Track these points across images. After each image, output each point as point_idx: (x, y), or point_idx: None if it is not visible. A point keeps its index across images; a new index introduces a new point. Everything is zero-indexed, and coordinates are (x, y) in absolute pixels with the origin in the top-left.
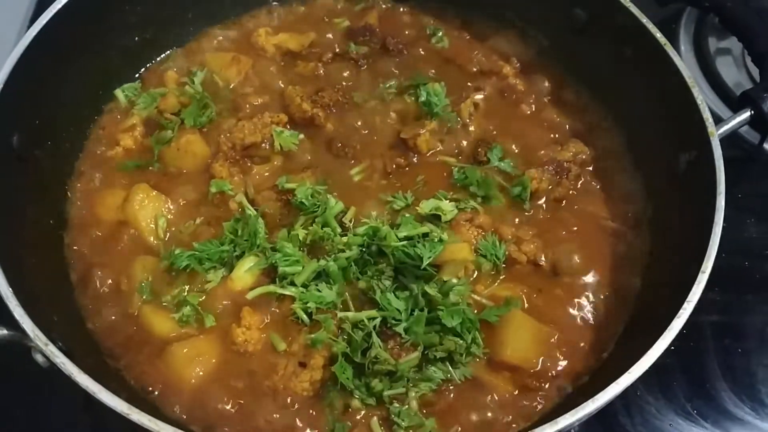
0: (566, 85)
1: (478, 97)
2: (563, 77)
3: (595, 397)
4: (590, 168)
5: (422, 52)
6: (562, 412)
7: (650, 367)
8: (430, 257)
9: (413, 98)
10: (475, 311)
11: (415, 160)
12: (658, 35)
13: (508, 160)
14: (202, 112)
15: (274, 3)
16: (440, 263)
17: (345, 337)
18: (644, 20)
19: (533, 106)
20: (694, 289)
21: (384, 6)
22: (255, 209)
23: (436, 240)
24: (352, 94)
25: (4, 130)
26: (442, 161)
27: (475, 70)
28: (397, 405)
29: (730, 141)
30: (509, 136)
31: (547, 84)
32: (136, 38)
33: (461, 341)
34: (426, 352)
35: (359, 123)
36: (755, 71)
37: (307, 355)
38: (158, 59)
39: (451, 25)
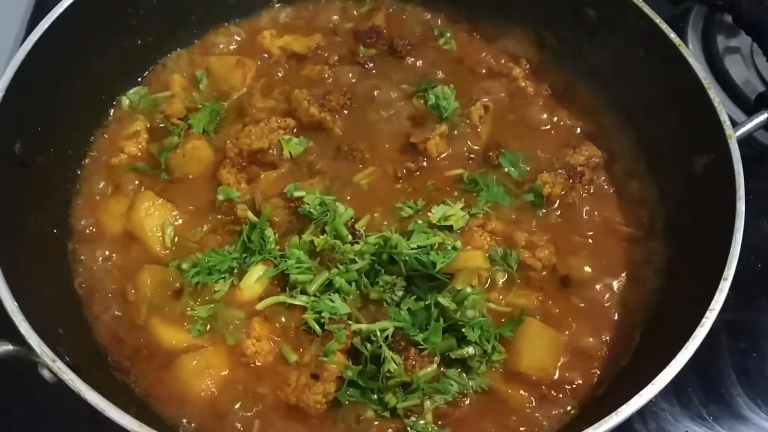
0: (577, 86)
1: (488, 99)
2: (574, 79)
3: (619, 410)
4: (603, 172)
5: (430, 54)
6: (582, 424)
7: None
8: (443, 263)
9: (422, 101)
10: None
11: (425, 164)
12: (672, 35)
13: (520, 166)
14: (212, 119)
15: (278, 5)
16: (453, 271)
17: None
18: (658, 20)
19: (544, 108)
20: (716, 297)
21: (390, 7)
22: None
23: (449, 248)
24: (360, 98)
25: (6, 137)
26: (451, 169)
27: (484, 71)
28: (413, 418)
29: (740, 140)
30: (520, 139)
31: (557, 86)
32: (139, 41)
33: (479, 347)
34: (446, 355)
35: (368, 127)
36: (765, 70)
37: (319, 366)
38: (162, 62)
39: (459, 26)
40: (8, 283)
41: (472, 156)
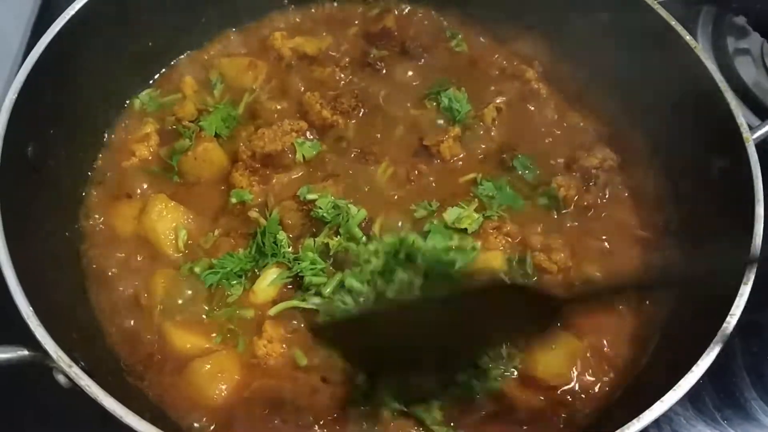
0: (591, 89)
1: (501, 101)
2: (587, 81)
3: (641, 416)
4: (618, 175)
5: (442, 56)
6: (601, 429)
7: None
8: (464, 262)
9: (435, 103)
10: None
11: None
12: (688, 38)
13: (534, 168)
14: (226, 123)
15: (291, 7)
16: (472, 272)
17: None
18: (673, 22)
19: (557, 110)
20: (736, 302)
21: (401, 9)
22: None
23: (468, 248)
24: (372, 100)
25: (19, 141)
26: (465, 171)
27: (496, 73)
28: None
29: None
30: (533, 141)
31: (571, 88)
32: (150, 44)
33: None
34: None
35: (380, 129)
36: None
37: (329, 370)
38: (173, 64)
39: (470, 28)
40: (24, 288)
41: (485, 158)
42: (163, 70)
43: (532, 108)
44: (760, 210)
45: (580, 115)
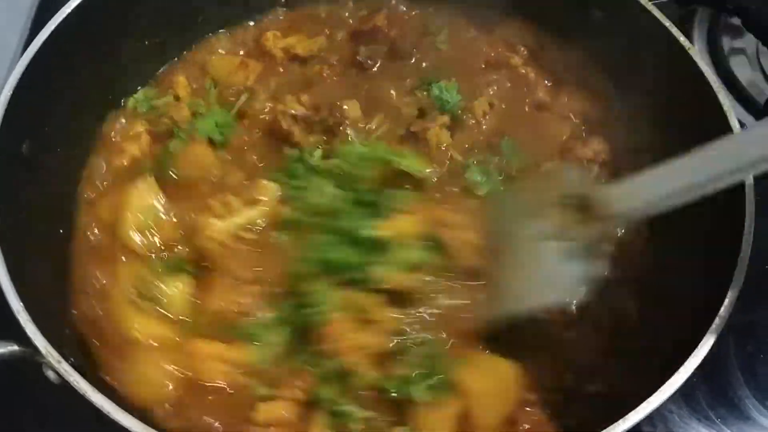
0: (585, 85)
1: (492, 93)
2: (579, 78)
3: (627, 416)
4: (608, 167)
5: (430, 52)
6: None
7: None
8: None
9: (425, 93)
10: None
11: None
12: (682, 39)
13: (522, 154)
14: (220, 129)
15: (286, 7)
16: None
17: None
18: (668, 24)
19: (548, 94)
20: (726, 302)
21: (391, 7)
22: None
23: None
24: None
25: (14, 137)
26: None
27: (482, 66)
28: None
29: None
30: (523, 128)
31: (560, 83)
32: (147, 42)
33: None
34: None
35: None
36: None
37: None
38: (168, 64)
39: (455, 22)
40: (15, 284)
41: (473, 150)
42: (159, 69)
43: (522, 95)
44: (751, 209)
45: (569, 108)
